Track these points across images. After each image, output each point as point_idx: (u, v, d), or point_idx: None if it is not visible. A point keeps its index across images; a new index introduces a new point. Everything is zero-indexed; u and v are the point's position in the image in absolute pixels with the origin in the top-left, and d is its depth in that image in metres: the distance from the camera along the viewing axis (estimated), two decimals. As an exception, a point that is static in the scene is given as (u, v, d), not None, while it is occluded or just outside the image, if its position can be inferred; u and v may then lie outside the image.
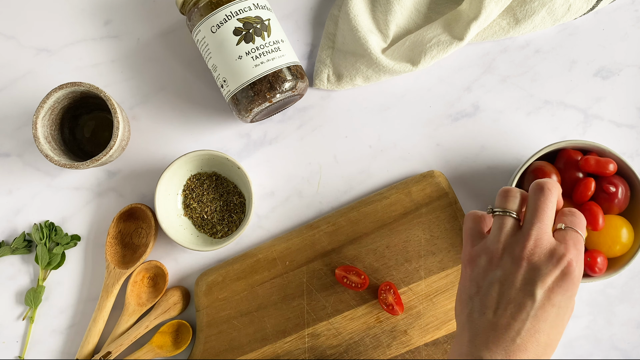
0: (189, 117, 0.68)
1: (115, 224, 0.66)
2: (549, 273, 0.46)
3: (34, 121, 0.61)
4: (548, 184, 0.49)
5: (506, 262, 0.48)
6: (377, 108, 0.68)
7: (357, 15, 0.65)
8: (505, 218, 0.50)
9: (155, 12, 0.69)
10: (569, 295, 0.47)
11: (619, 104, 0.68)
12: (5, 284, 0.67)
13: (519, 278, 0.47)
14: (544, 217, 0.48)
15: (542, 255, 0.47)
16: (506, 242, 0.49)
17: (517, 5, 0.65)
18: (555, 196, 0.49)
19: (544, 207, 0.49)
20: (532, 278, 0.47)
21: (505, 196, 0.51)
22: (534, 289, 0.46)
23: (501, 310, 0.47)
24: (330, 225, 0.65)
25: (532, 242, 0.47)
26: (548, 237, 0.48)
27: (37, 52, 0.69)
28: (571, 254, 0.47)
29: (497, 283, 0.48)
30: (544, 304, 0.46)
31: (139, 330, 0.64)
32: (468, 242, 0.52)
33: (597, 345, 0.65)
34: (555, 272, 0.46)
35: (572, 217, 0.50)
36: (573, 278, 0.46)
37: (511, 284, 0.47)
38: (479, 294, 0.48)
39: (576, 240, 0.48)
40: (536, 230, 0.48)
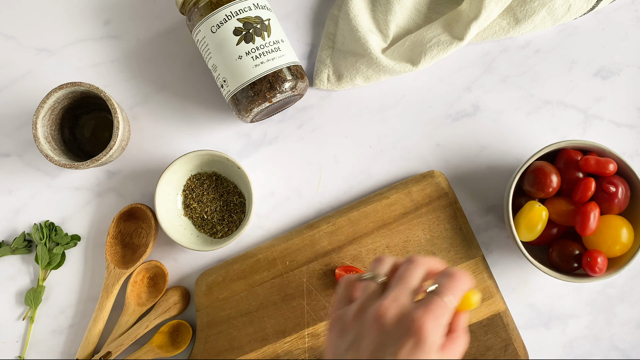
0: (189, 117, 0.68)
1: (115, 224, 0.66)
2: (400, 340, 0.43)
3: (34, 121, 0.61)
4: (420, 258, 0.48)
5: (359, 325, 0.45)
6: (377, 108, 0.68)
7: (357, 15, 0.65)
8: (369, 282, 0.48)
9: (155, 12, 0.69)
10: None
11: (619, 104, 0.68)
12: (5, 284, 0.67)
13: (371, 343, 0.44)
14: (405, 282, 0.46)
15: (395, 318, 0.44)
16: (364, 304, 0.46)
17: (517, 5, 0.65)
18: (424, 268, 0.47)
19: (408, 273, 0.46)
20: (384, 344, 0.43)
21: (376, 262, 0.49)
22: (384, 355, 0.43)
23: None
24: (330, 225, 0.65)
25: (386, 305, 0.44)
26: (405, 301, 0.45)
27: (37, 52, 0.69)
28: (425, 320, 0.43)
29: (351, 349, 0.45)
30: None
31: (139, 330, 0.64)
32: (334, 306, 0.50)
33: (597, 345, 0.65)
34: (407, 339, 0.43)
35: (445, 279, 0.46)
36: (425, 345, 0.42)
37: (363, 351, 0.44)
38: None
39: (436, 305, 0.44)
40: (394, 293, 0.45)
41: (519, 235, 0.60)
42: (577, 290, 0.66)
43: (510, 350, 0.62)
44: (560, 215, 0.60)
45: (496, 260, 0.66)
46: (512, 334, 0.63)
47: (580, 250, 0.60)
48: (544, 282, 0.66)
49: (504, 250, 0.66)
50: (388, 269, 0.49)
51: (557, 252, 0.60)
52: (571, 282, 0.61)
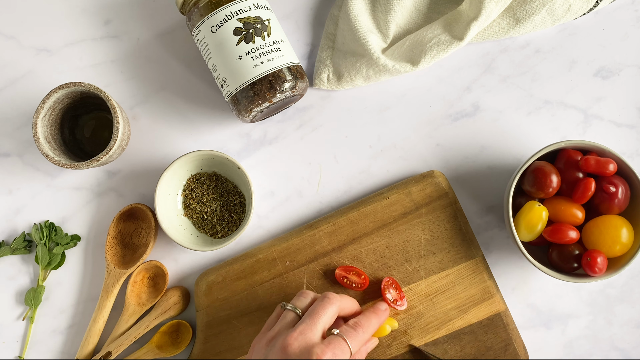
0: (189, 117, 0.68)
1: (115, 224, 0.66)
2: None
3: (34, 121, 0.61)
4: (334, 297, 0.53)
5: (270, 349, 0.51)
6: (377, 108, 0.68)
7: (357, 15, 0.65)
8: (288, 312, 0.54)
9: (155, 12, 0.69)
10: None
11: (619, 104, 0.68)
12: (5, 284, 0.67)
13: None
14: (316, 317, 0.51)
15: (298, 349, 0.49)
16: (278, 332, 0.52)
17: (517, 5, 0.65)
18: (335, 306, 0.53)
19: (319, 310, 0.52)
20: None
21: (299, 296, 0.55)
22: None
23: None
24: (330, 225, 0.65)
25: (295, 334, 0.50)
26: (312, 336, 0.50)
27: (37, 52, 0.69)
28: (324, 356, 0.48)
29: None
30: None
31: (139, 330, 0.64)
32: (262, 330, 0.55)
33: (597, 345, 0.65)
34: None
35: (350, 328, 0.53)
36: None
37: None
38: None
39: (338, 346, 0.50)
40: (303, 326, 0.50)
41: (519, 235, 0.60)
42: (577, 290, 0.66)
43: (510, 350, 0.62)
44: (560, 216, 0.60)
45: (496, 260, 0.66)
46: (512, 334, 0.63)
47: (580, 250, 0.60)
48: (544, 282, 0.66)
49: (504, 250, 0.66)
50: (309, 304, 0.55)
51: (557, 252, 0.60)
52: (571, 282, 0.61)
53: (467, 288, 0.63)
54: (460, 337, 0.63)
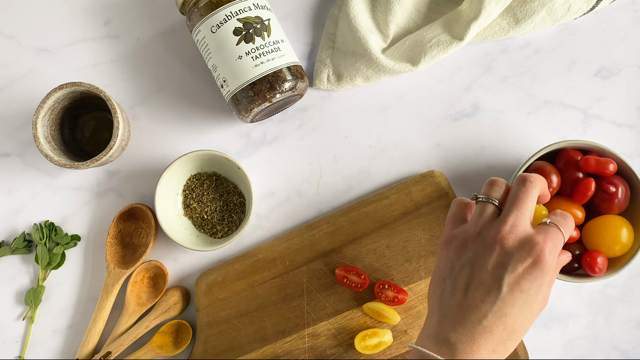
0: (189, 117, 0.68)
1: (115, 224, 0.66)
2: (520, 259, 0.46)
3: (34, 121, 0.61)
4: (531, 177, 0.50)
5: (479, 245, 0.48)
6: (377, 108, 0.68)
7: (357, 15, 0.65)
8: (486, 204, 0.50)
9: (155, 12, 0.69)
10: (538, 283, 0.46)
11: (619, 104, 0.68)
12: (5, 284, 0.67)
13: (490, 261, 0.47)
14: (522, 206, 0.49)
15: (516, 241, 0.47)
16: (483, 226, 0.49)
17: (517, 5, 0.65)
18: (537, 189, 0.50)
19: (524, 197, 0.49)
20: (503, 262, 0.47)
21: (490, 185, 0.51)
22: (504, 273, 0.46)
23: (470, 292, 0.47)
24: (330, 225, 0.65)
25: (507, 228, 0.47)
26: (524, 226, 0.48)
27: (37, 52, 0.69)
28: (546, 245, 0.47)
29: (468, 265, 0.48)
30: (513, 288, 0.46)
31: (139, 330, 0.64)
32: (449, 225, 0.52)
33: (597, 345, 0.65)
34: (527, 258, 0.46)
35: (559, 217, 0.50)
36: (543, 267, 0.46)
37: (482, 267, 0.47)
38: (451, 275, 0.49)
39: (554, 235, 0.48)
40: (513, 217, 0.48)
41: (519, 235, 0.60)
42: (577, 290, 0.66)
43: (510, 350, 0.62)
44: (560, 215, 0.60)
45: (496, 260, 0.66)
46: (512, 334, 0.63)
47: (580, 250, 0.60)
48: (544, 282, 0.66)
49: (504, 250, 0.66)
50: (504, 192, 0.51)
51: (557, 252, 0.60)
52: (571, 282, 0.61)
53: (467, 288, 0.63)
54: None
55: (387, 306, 0.62)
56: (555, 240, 0.48)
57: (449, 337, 0.46)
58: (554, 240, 0.48)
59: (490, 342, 0.46)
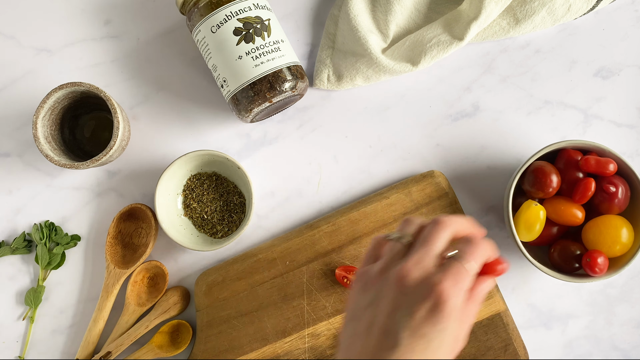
0: (189, 117, 0.68)
1: (115, 224, 0.66)
2: (419, 302, 0.43)
3: (34, 121, 0.61)
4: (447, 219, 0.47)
5: (381, 285, 0.45)
6: (377, 108, 0.68)
7: (357, 15, 0.65)
8: (395, 243, 0.48)
9: (155, 12, 0.69)
10: (439, 328, 0.42)
11: (619, 104, 0.68)
12: (5, 284, 0.67)
13: (390, 303, 0.44)
14: (429, 245, 0.46)
15: (416, 282, 0.44)
16: (387, 265, 0.46)
17: (517, 5, 0.65)
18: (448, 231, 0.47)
19: (432, 235, 0.46)
20: (402, 305, 0.43)
21: (404, 223, 0.49)
22: (402, 317, 0.43)
23: (371, 336, 0.44)
24: (330, 225, 0.65)
25: (409, 266, 0.44)
26: (427, 264, 0.44)
27: (37, 52, 0.69)
28: (445, 285, 0.43)
29: (370, 306, 0.45)
30: (412, 334, 0.42)
31: (139, 330, 0.64)
32: (362, 263, 0.50)
33: (597, 345, 0.65)
34: (425, 302, 0.43)
35: (466, 245, 0.46)
36: (443, 310, 0.42)
37: (382, 309, 0.44)
38: (355, 317, 0.46)
39: (457, 271, 0.44)
40: (417, 256, 0.45)
41: (519, 235, 0.60)
42: (577, 290, 0.66)
43: (510, 350, 0.62)
44: (560, 215, 0.60)
45: (496, 260, 0.66)
46: (512, 334, 0.63)
47: (580, 250, 0.60)
48: (544, 282, 0.66)
49: (504, 250, 0.66)
50: (414, 230, 0.48)
51: (558, 252, 0.60)
52: (571, 282, 0.61)
53: (467, 288, 0.63)
54: (460, 337, 0.63)
55: None
56: (458, 277, 0.44)
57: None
58: (456, 278, 0.44)
59: None
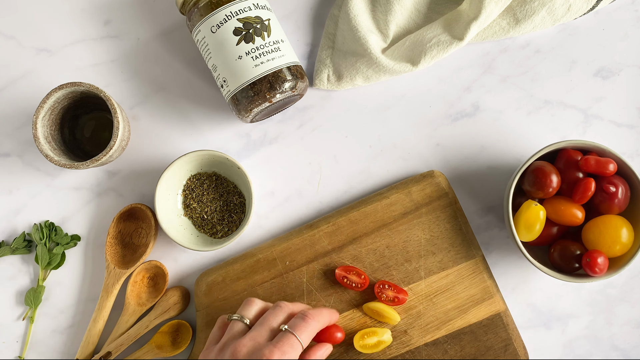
0: (189, 117, 0.68)
1: (115, 224, 0.66)
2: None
3: (34, 121, 0.61)
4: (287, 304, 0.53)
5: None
6: (377, 108, 0.68)
7: (357, 15, 0.65)
8: (236, 323, 0.52)
9: (155, 12, 0.69)
10: None
11: (619, 104, 0.68)
12: (5, 284, 0.67)
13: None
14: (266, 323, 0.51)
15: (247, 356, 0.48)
16: (226, 344, 0.51)
17: (517, 5, 0.65)
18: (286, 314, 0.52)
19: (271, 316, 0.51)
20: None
21: (245, 304, 0.54)
22: None
23: None
24: (330, 225, 0.65)
25: (243, 343, 0.49)
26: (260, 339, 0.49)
27: (37, 52, 0.69)
28: (273, 355, 0.48)
29: None
30: None
31: (139, 330, 0.64)
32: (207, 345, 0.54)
33: (597, 345, 0.65)
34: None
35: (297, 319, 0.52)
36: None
37: None
38: None
39: (286, 342, 0.49)
40: (253, 333, 0.50)
41: (519, 235, 0.60)
42: (577, 290, 0.66)
43: (510, 350, 0.62)
44: (560, 216, 0.60)
45: (496, 260, 0.66)
46: (512, 334, 0.63)
47: (580, 250, 0.60)
48: (544, 282, 0.66)
49: (504, 250, 0.66)
50: (256, 312, 0.54)
51: (558, 252, 0.60)
52: (571, 282, 0.61)
53: (467, 288, 0.63)
54: (460, 337, 0.63)
55: (387, 306, 0.62)
56: (285, 347, 0.49)
57: None
58: (283, 348, 0.49)
59: None
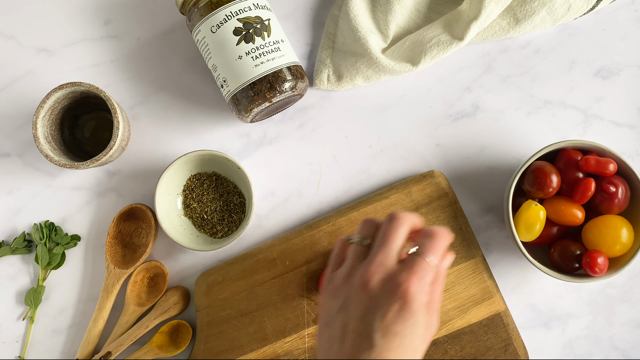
0: (189, 117, 0.68)
1: (115, 224, 0.66)
2: (387, 303, 0.44)
3: (34, 121, 0.61)
4: (400, 214, 0.48)
5: (348, 289, 0.47)
6: (377, 108, 0.68)
7: (357, 15, 0.65)
8: (356, 246, 0.49)
9: (155, 12, 0.69)
10: (410, 324, 0.44)
11: (619, 104, 0.68)
12: (5, 284, 0.67)
13: (359, 307, 0.45)
14: (388, 243, 0.47)
15: (381, 283, 0.45)
16: (351, 270, 0.48)
17: (517, 5, 0.65)
18: (405, 226, 0.48)
19: (390, 234, 0.47)
20: (371, 308, 0.45)
21: (363, 225, 0.50)
22: (373, 319, 0.44)
23: (346, 340, 0.45)
24: (330, 225, 0.65)
25: (373, 269, 0.46)
26: (390, 264, 0.46)
27: (37, 52, 0.69)
28: (410, 283, 0.44)
29: (342, 312, 0.46)
30: (385, 334, 0.44)
31: (139, 330, 0.64)
32: (328, 268, 0.51)
33: (597, 345, 0.65)
34: (393, 302, 0.44)
35: (426, 239, 0.48)
36: (411, 308, 0.44)
37: (353, 314, 0.45)
38: (329, 323, 0.47)
39: (420, 267, 0.46)
40: (379, 257, 0.46)
41: (519, 235, 0.60)
42: (577, 290, 0.66)
43: (510, 350, 0.62)
44: (560, 215, 0.60)
45: (496, 260, 0.66)
46: (512, 334, 0.63)
47: (580, 250, 0.60)
48: (544, 282, 0.66)
49: (504, 250, 0.66)
50: (373, 231, 0.50)
51: (558, 252, 0.60)
52: (571, 282, 0.61)
53: (467, 288, 0.63)
54: (460, 337, 0.63)
55: None
56: (421, 273, 0.45)
57: None
58: (419, 274, 0.45)
59: None
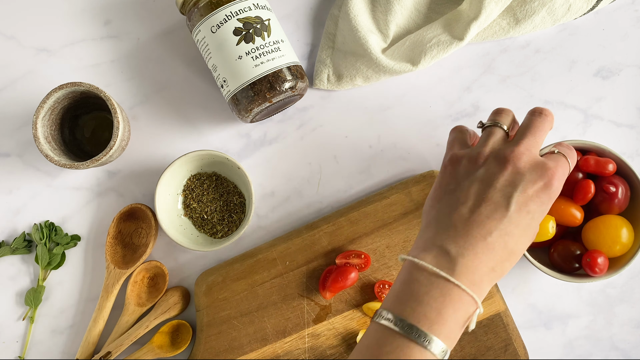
0: (189, 117, 0.68)
1: (115, 224, 0.66)
2: (532, 180, 0.47)
3: (34, 121, 0.61)
4: (547, 111, 0.51)
5: (492, 162, 0.48)
6: (377, 108, 0.68)
7: (357, 15, 0.65)
8: (495, 128, 0.51)
9: (155, 12, 0.69)
10: (544, 208, 0.47)
11: (619, 104, 0.68)
12: (5, 284, 0.67)
13: (501, 179, 0.47)
14: (537, 133, 0.49)
15: (529, 163, 0.47)
16: (494, 146, 0.50)
17: (517, 5, 0.65)
18: (550, 123, 0.51)
19: (539, 125, 0.50)
20: (514, 181, 0.47)
21: (498, 113, 0.52)
22: (514, 192, 0.46)
23: (477, 208, 0.46)
24: (330, 225, 0.65)
25: (522, 149, 0.48)
26: (535, 152, 0.49)
27: (37, 52, 0.69)
28: (557, 170, 0.47)
29: (478, 181, 0.48)
30: (520, 209, 0.46)
31: (139, 330, 0.64)
32: (453, 147, 0.52)
33: (597, 345, 0.65)
34: (538, 181, 0.47)
35: (565, 149, 0.51)
36: (551, 192, 0.47)
37: (492, 184, 0.47)
38: (457, 190, 0.48)
39: (564, 163, 0.49)
40: (527, 141, 0.49)
41: (519, 235, 0.60)
42: (577, 290, 0.66)
43: (510, 350, 0.62)
44: (560, 215, 0.60)
45: (496, 260, 0.66)
46: (512, 334, 0.63)
47: (580, 250, 0.60)
48: (544, 282, 0.66)
49: (504, 250, 0.66)
50: (511, 120, 0.52)
51: (558, 253, 0.60)
52: (571, 282, 0.61)
53: (467, 288, 0.63)
54: (460, 337, 0.63)
55: None
56: (565, 169, 0.49)
57: (449, 250, 0.45)
58: (564, 168, 0.49)
59: (491, 260, 0.45)
